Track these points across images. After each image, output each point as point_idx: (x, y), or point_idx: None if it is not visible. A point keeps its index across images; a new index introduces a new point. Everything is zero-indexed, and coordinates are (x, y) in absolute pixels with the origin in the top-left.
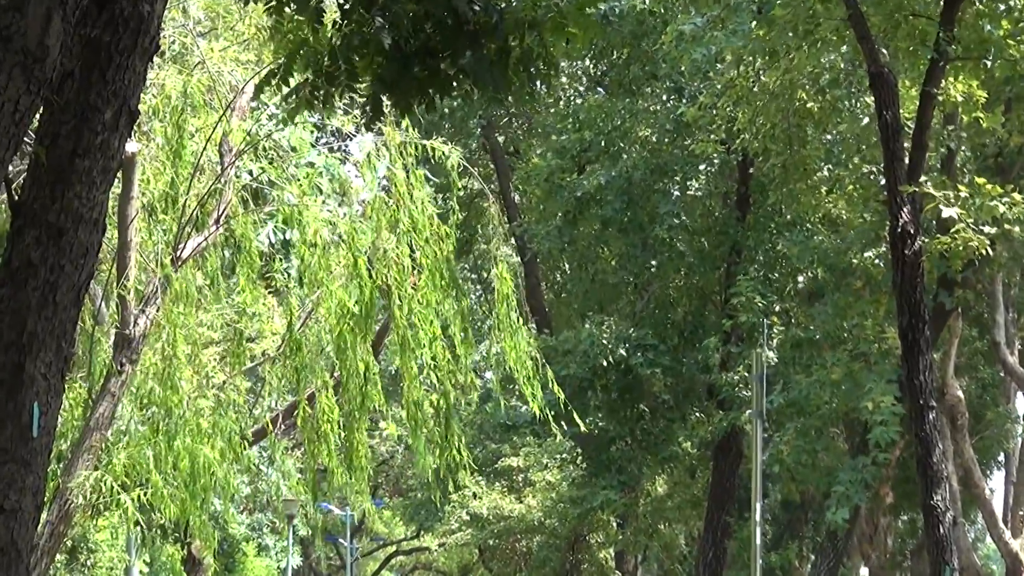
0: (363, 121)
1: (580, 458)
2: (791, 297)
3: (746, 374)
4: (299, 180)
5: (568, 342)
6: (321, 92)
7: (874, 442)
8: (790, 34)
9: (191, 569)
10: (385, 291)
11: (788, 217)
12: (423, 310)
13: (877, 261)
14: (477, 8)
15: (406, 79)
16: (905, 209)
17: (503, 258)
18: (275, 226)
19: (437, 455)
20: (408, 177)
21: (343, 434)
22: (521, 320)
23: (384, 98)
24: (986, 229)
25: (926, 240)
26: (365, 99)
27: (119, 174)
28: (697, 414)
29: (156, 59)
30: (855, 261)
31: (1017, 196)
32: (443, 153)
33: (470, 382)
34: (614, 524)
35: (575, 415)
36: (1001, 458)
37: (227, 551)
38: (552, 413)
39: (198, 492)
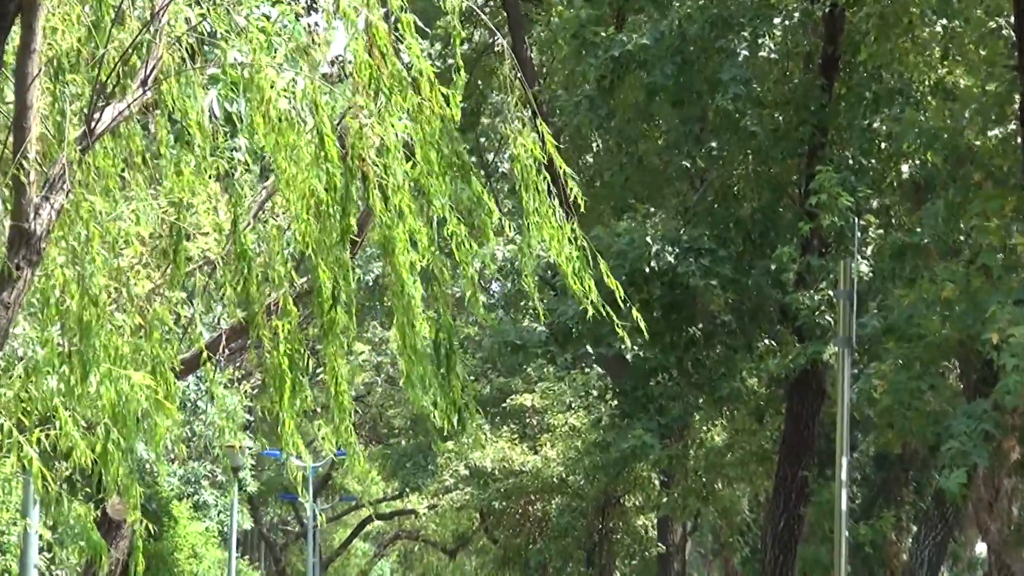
0: None
1: (611, 395)
2: (891, 191)
3: (830, 292)
4: (250, 33)
5: (599, 240)
6: None
7: (1003, 393)
8: None
9: (107, 533)
10: (363, 176)
11: (889, 86)
12: (413, 201)
13: (1008, 144)
14: None
15: None
16: None
17: (526, 125)
18: (219, 94)
19: (434, 394)
20: (392, 21)
21: (315, 358)
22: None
23: None
24: None
25: None
26: None
27: (16, 20)
28: (767, 341)
29: None
30: (975, 144)
31: None
32: None
33: (474, 294)
34: (656, 482)
35: (616, 322)
36: None
37: (154, 511)
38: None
39: (119, 435)
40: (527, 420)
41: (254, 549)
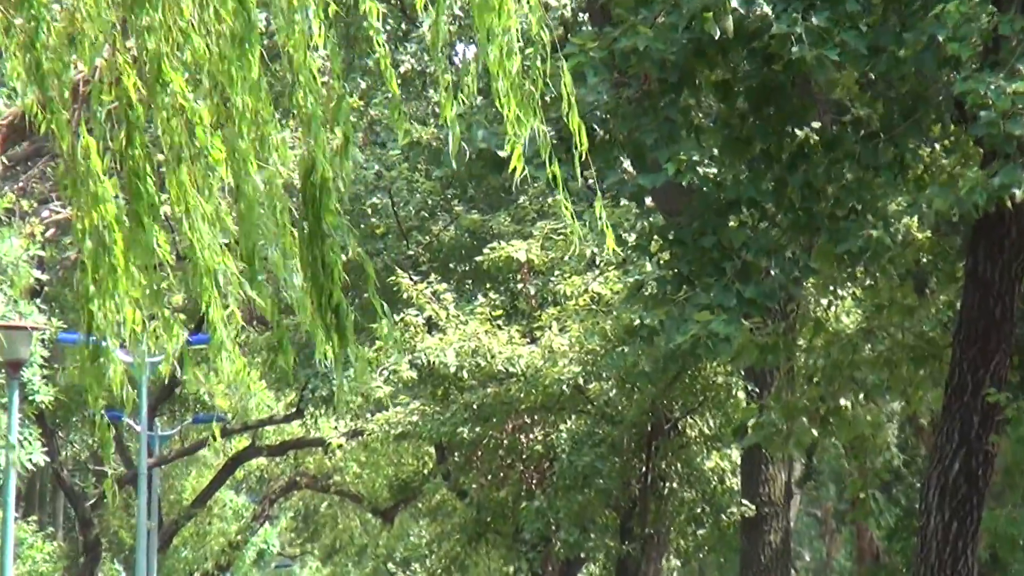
0: None
1: (659, 245)
2: None
3: None
4: None
5: None
6: None
7: None
8: None
9: None
10: None
11: None
12: None
13: None
14: None
15: None
16: None
17: None
18: None
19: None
20: None
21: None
22: None
23: None
24: None
25: None
26: None
27: None
28: (929, 153)
29: None
30: None
31: None
32: None
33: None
34: (740, 395)
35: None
36: None
37: None
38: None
39: None
40: (518, 286)
41: (45, 505)
